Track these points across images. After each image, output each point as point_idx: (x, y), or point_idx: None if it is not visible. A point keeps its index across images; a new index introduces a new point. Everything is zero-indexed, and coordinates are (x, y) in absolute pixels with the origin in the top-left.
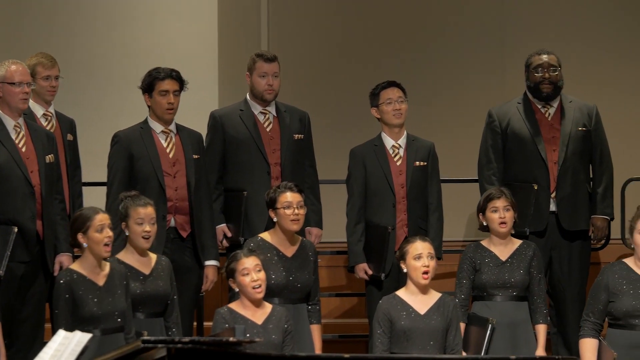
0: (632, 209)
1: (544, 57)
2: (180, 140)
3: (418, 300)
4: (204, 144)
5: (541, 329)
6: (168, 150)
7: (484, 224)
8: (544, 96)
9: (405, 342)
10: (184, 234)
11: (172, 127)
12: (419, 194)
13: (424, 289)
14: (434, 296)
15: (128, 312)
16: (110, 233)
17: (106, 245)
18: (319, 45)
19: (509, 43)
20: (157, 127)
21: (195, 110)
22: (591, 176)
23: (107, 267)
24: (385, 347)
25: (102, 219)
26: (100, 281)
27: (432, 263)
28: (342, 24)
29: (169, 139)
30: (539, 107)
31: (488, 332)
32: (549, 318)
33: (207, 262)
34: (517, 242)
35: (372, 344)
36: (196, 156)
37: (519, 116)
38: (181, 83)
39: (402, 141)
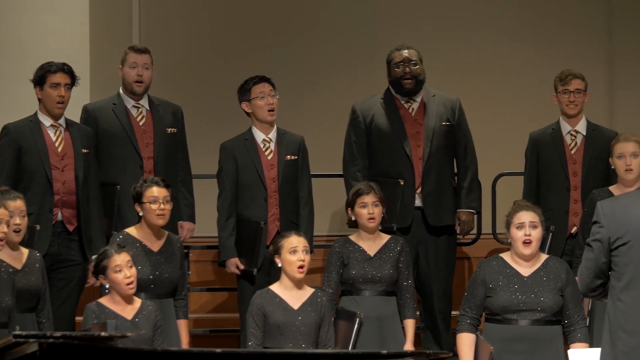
0: (503, 204)
1: (404, 52)
2: (69, 135)
3: (292, 295)
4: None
5: (409, 324)
6: (57, 144)
7: (353, 219)
8: (406, 91)
9: (279, 337)
10: (71, 228)
11: (62, 121)
12: (290, 188)
13: (298, 284)
14: (308, 291)
15: (13, 309)
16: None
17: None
18: (190, 39)
19: (379, 37)
20: (46, 120)
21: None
22: (456, 170)
23: None
24: (258, 342)
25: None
26: None
27: (307, 257)
28: (213, 18)
29: (58, 133)
30: (402, 102)
31: (355, 326)
32: (417, 313)
33: (94, 257)
34: (386, 237)
35: (243, 339)
36: (85, 150)
37: (383, 112)
38: (73, 77)
39: (273, 135)
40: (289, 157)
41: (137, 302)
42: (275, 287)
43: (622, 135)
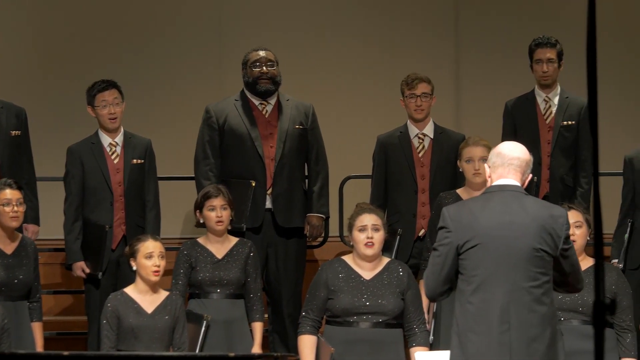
0: (350, 207)
1: (262, 53)
2: None
3: (146, 298)
4: None
5: (257, 327)
6: None
7: (201, 221)
8: (263, 91)
9: (133, 340)
10: None
11: None
12: (136, 191)
13: (152, 287)
14: (162, 294)
15: None
16: None
17: None
18: (36, 41)
19: (226, 40)
20: None
21: None
22: (307, 174)
23: None
24: (112, 344)
25: None
26: None
27: (163, 262)
28: (60, 21)
29: None
30: (257, 104)
31: (203, 329)
32: (265, 315)
33: None
34: (234, 240)
35: (91, 341)
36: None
37: (236, 113)
38: None
39: (119, 139)
40: (135, 160)
41: None
42: (129, 290)
43: (471, 138)
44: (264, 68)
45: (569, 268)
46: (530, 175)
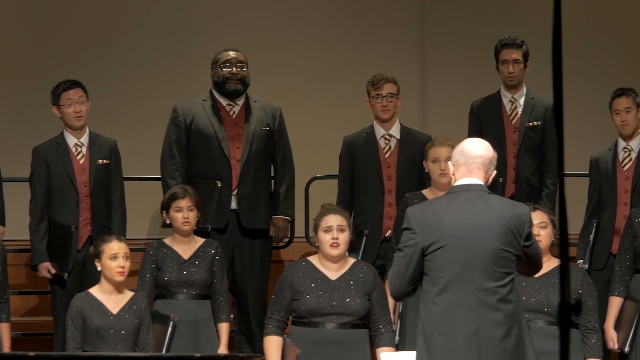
0: (316, 207)
1: (232, 54)
2: None
3: (111, 299)
4: None
5: (223, 327)
6: None
7: (167, 222)
8: (231, 92)
9: (98, 341)
10: None
11: None
12: (102, 192)
13: (118, 288)
14: (127, 295)
15: None
16: None
17: None
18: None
19: (191, 40)
20: None
21: None
22: (273, 175)
23: None
24: (78, 345)
25: None
26: None
27: (128, 263)
28: (24, 22)
29: None
30: (224, 104)
31: (169, 329)
32: (231, 316)
33: None
34: (200, 241)
35: (57, 342)
36: None
37: (204, 113)
38: None
39: (85, 139)
40: (100, 161)
41: None
42: (94, 291)
43: (437, 139)
44: (234, 69)
45: (529, 259)
46: (495, 172)
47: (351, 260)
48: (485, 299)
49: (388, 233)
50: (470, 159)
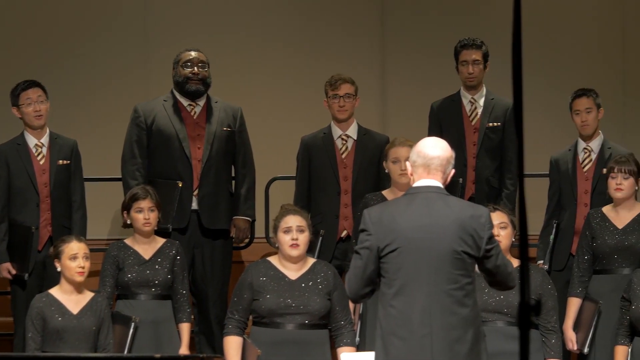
0: (276, 208)
1: (194, 54)
2: None
3: (71, 299)
4: None
5: (184, 328)
6: None
7: (128, 222)
8: (192, 92)
9: (59, 342)
10: None
11: None
12: (62, 192)
13: (77, 288)
14: (87, 295)
15: None
16: None
17: None
18: None
19: (152, 41)
20: None
21: None
22: (233, 176)
23: None
24: (38, 346)
25: None
26: None
27: (87, 264)
28: None
29: None
30: (185, 104)
31: (131, 330)
32: (192, 316)
33: None
34: (161, 241)
35: (17, 342)
36: None
37: (165, 113)
38: None
39: (45, 140)
40: (61, 161)
41: None
42: (54, 292)
43: (397, 139)
44: (195, 69)
45: (494, 268)
46: (454, 171)
47: (311, 261)
48: (440, 301)
49: (344, 233)
50: (428, 160)
